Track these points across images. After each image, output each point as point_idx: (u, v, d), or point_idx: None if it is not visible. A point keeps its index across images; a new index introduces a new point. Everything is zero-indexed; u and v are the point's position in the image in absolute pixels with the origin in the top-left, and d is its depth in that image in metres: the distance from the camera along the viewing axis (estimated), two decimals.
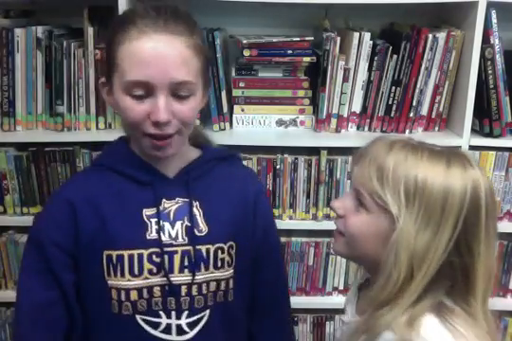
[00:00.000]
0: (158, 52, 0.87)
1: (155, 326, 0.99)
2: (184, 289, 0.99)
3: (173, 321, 0.99)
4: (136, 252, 0.96)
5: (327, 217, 1.61)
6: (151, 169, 1.00)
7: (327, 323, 1.75)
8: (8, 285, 1.67)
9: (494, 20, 1.47)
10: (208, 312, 1.01)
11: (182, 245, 0.98)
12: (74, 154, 1.54)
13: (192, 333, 1.00)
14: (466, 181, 0.83)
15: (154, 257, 0.97)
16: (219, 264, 1.01)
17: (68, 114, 1.52)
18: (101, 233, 0.97)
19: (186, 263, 0.98)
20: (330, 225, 1.60)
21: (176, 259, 0.98)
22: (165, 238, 0.98)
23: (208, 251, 1.00)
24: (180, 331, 1.00)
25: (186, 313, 0.99)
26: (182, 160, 1.03)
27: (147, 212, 0.98)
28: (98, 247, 0.97)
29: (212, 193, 1.03)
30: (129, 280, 0.97)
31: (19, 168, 1.55)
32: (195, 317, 1.00)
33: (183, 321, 0.99)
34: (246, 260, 1.06)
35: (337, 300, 1.70)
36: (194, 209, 1.00)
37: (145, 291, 0.98)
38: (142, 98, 0.89)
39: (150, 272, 0.97)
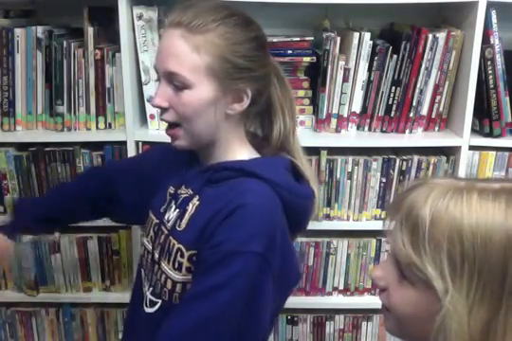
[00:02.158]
0: (163, 43, 0.95)
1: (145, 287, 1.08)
2: (156, 268, 1.03)
3: (147, 292, 1.06)
4: (152, 216, 1.08)
5: (327, 217, 1.61)
6: (194, 156, 1.05)
7: (327, 323, 1.75)
8: (8, 285, 1.67)
9: (494, 20, 1.47)
10: (160, 302, 1.01)
11: (167, 230, 1.02)
12: (74, 154, 1.54)
13: (150, 310, 1.04)
14: None
15: (156, 228, 1.06)
16: (176, 265, 0.98)
17: (68, 114, 1.52)
18: (155, 192, 1.10)
19: (164, 247, 1.01)
20: (330, 225, 1.62)
21: (161, 239, 1.03)
22: (166, 217, 1.04)
23: (173, 246, 0.99)
24: (147, 302, 1.05)
25: (150, 289, 1.04)
26: (220, 158, 1.01)
27: (170, 190, 1.06)
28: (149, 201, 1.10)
29: (214, 200, 0.97)
30: (143, 236, 1.11)
31: (19, 168, 1.55)
32: (153, 298, 1.03)
33: (148, 295, 1.05)
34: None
35: (337, 300, 1.70)
36: (191, 205, 0.99)
37: (146, 252, 1.08)
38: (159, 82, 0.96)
39: (151, 238, 1.07)
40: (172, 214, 1.02)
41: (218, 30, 0.92)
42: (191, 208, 0.99)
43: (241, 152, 1.02)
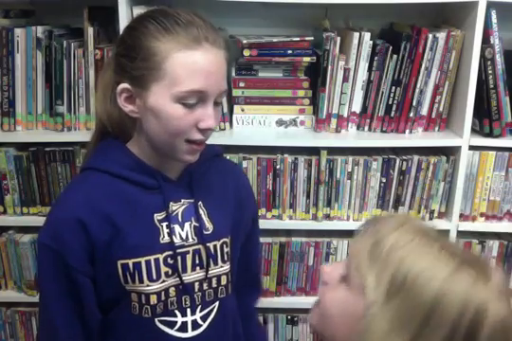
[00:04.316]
0: (214, 64, 0.92)
1: (171, 325, 1.02)
2: (197, 285, 1.02)
3: (189, 318, 1.02)
4: (152, 257, 0.98)
5: (327, 217, 1.61)
6: (156, 173, 1.00)
7: None
8: (8, 285, 1.67)
9: (494, 20, 1.47)
10: (217, 303, 1.06)
11: (193, 245, 1.01)
12: (74, 154, 1.54)
13: (204, 325, 1.04)
14: (469, 299, 0.64)
15: (168, 259, 0.99)
16: (225, 258, 1.05)
17: (68, 114, 1.52)
18: (115, 242, 0.96)
19: (197, 261, 1.02)
20: (330, 225, 1.62)
21: (188, 258, 1.01)
22: (177, 240, 1.00)
23: (215, 247, 1.04)
24: (195, 325, 1.03)
25: (199, 307, 1.03)
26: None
27: (158, 217, 0.99)
28: (113, 258, 0.96)
29: (212, 191, 1.06)
30: (148, 286, 0.98)
31: (19, 168, 1.55)
32: (207, 310, 1.04)
33: (197, 316, 1.03)
34: (237, 249, 1.11)
35: None
36: (199, 209, 1.03)
37: (163, 293, 1.00)
38: (193, 106, 0.91)
39: (166, 274, 0.99)
40: (183, 231, 1.00)
41: None
42: (202, 210, 1.03)
43: None
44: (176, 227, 1.00)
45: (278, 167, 1.57)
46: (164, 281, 0.99)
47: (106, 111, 1.01)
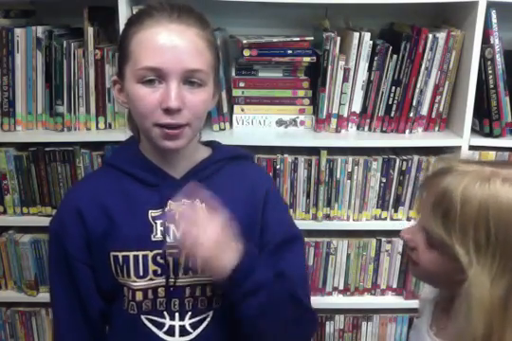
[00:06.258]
0: (172, 40, 0.90)
1: (160, 327, 1.00)
2: (188, 290, 1.00)
3: (177, 322, 1.00)
4: (141, 253, 0.98)
5: (327, 217, 1.61)
6: (158, 170, 1.00)
7: (327, 323, 1.74)
8: (8, 285, 1.67)
9: (494, 20, 1.47)
10: (211, 313, 1.02)
11: None
12: (74, 154, 1.54)
13: (194, 334, 1.01)
14: None
15: (158, 258, 0.98)
16: None
17: (68, 114, 1.52)
18: (110, 234, 0.98)
19: (190, 265, 0.98)
20: (330, 225, 1.62)
21: (181, 260, 0.99)
22: (170, 239, 0.98)
23: None
24: (183, 331, 1.01)
25: (189, 314, 1.01)
26: (190, 161, 1.03)
27: (153, 213, 0.99)
28: (106, 248, 0.98)
29: (219, 194, 0.99)
30: (134, 281, 0.98)
31: (19, 168, 1.55)
32: (199, 318, 1.01)
33: (186, 322, 1.00)
34: None
35: (337, 300, 1.70)
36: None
37: (150, 291, 0.99)
38: (154, 84, 0.90)
39: (155, 273, 0.98)
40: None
41: (209, 27, 0.96)
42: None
43: (200, 145, 1.07)
44: (172, 227, 0.98)
45: (278, 167, 1.57)
46: (152, 280, 0.98)
47: (127, 114, 1.08)
